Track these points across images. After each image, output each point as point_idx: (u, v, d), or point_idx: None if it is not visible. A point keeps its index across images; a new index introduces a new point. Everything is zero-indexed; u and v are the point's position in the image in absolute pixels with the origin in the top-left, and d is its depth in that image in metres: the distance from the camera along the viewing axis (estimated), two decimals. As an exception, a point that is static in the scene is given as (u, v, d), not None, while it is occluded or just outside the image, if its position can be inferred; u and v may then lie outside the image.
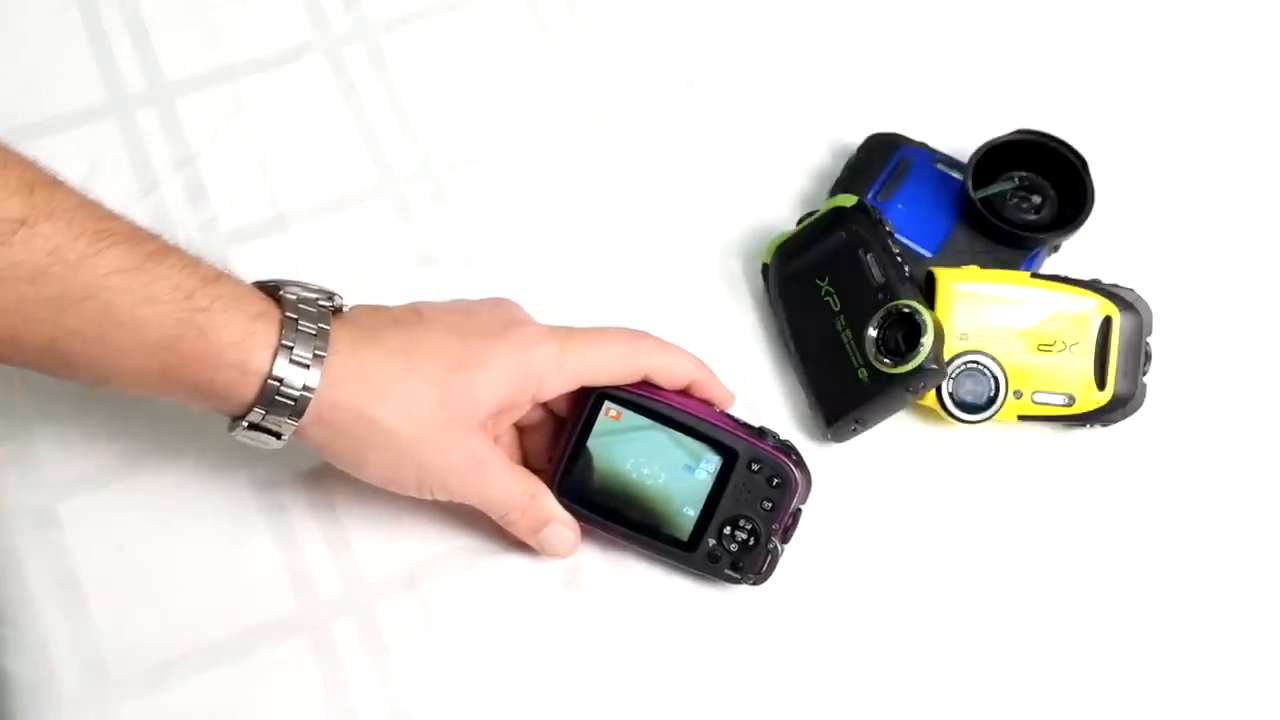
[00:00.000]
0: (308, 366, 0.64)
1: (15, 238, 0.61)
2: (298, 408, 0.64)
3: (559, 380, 0.71)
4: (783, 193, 0.85)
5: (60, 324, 0.62)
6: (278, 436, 0.66)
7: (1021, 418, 0.77)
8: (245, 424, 0.65)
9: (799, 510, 0.73)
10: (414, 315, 0.70)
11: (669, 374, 0.72)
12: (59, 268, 0.61)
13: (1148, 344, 0.78)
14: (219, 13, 0.88)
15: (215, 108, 0.85)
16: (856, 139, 0.84)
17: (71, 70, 0.85)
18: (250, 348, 0.64)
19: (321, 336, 0.65)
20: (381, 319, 0.69)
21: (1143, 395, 0.78)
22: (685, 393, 0.74)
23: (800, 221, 0.80)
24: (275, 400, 0.64)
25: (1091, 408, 0.77)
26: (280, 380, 0.64)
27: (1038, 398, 0.77)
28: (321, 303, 0.67)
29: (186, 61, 0.87)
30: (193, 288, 0.64)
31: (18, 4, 0.87)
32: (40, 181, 0.63)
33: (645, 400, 0.72)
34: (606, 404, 0.72)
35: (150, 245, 0.64)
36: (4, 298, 0.61)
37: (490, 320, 0.71)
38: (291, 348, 0.64)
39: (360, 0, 0.89)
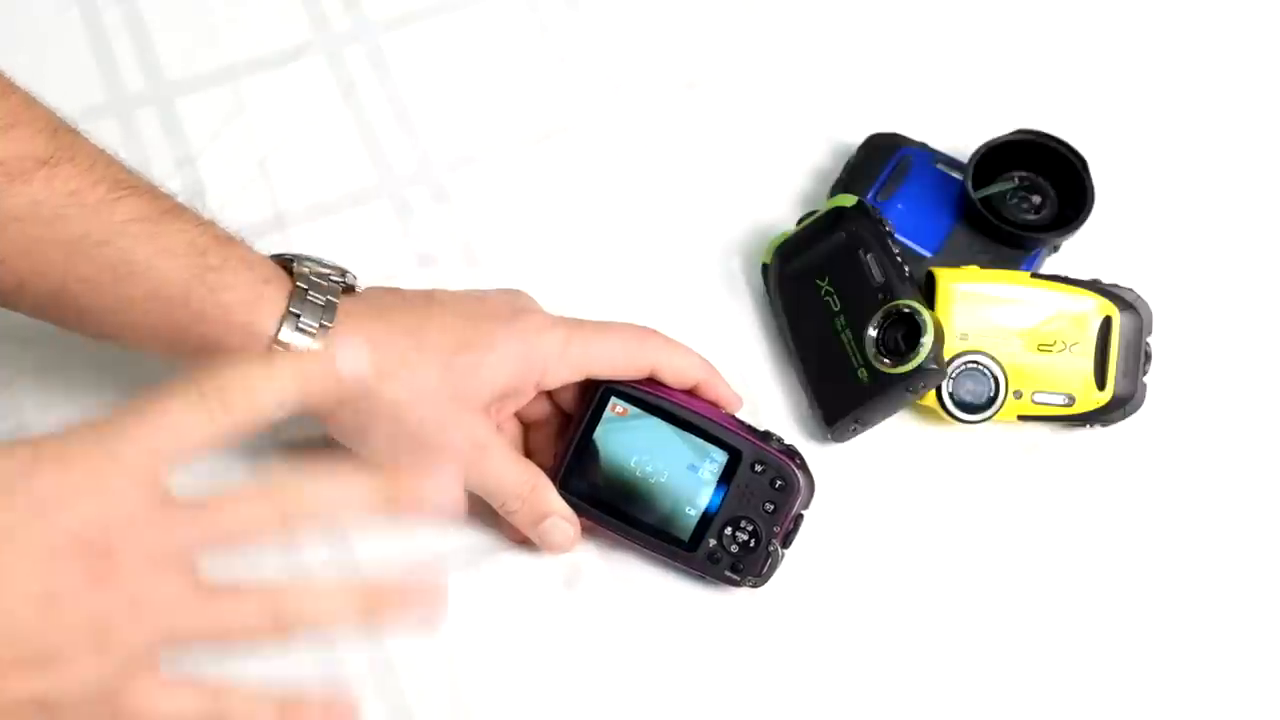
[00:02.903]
0: (313, 335, 0.65)
1: (36, 175, 0.62)
2: None
3: (563, 369, 0.71)
4: (783, 193, 0.85)
5: (72, 269, 0.63)
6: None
7: (1021, 418, 0.77)
8: None
9: (801, 515, 0.73)
10: (424, 298, 0.71)
11: (676, 372, 0.73)
12: (77, 210, 0.62)
13: (1148, 344, 0.78)
14: (219, 13, 0.88)
15: (215, 108, 0.85)
16: (856, 139, 0.84)
17: (71, 70, 0.85)
18: (258, 311, 0.65)
19: (330, 308, 0.66)
20: (392, 299, 0.70)
21: (1143, 395, 0.78)
22: (692, 393, 0.74)
23: (800, 221, 0.80)
24: None
25: (1091, 408, 0.77)
26: (285, 346, 0.65)
27: (1038, 398, 0.77)
28: (333, 278, 0.68)
29: (186, 61, 0.87)
30: (206, 245, 0.65)
31: (18, 4, 0.87)
32: (63, 128, 0.64)
33: (652, 397, 0.72)
34: (613, 399, 0.73)
35: (166, 202, 0.66)
36: (20, 238, 0.62)
37: (499, 306, 0.71)
38: (298, 316, 0.65)
39: (360, 0, 0.89)
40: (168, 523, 0.49)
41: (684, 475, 0.72)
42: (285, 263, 0.68)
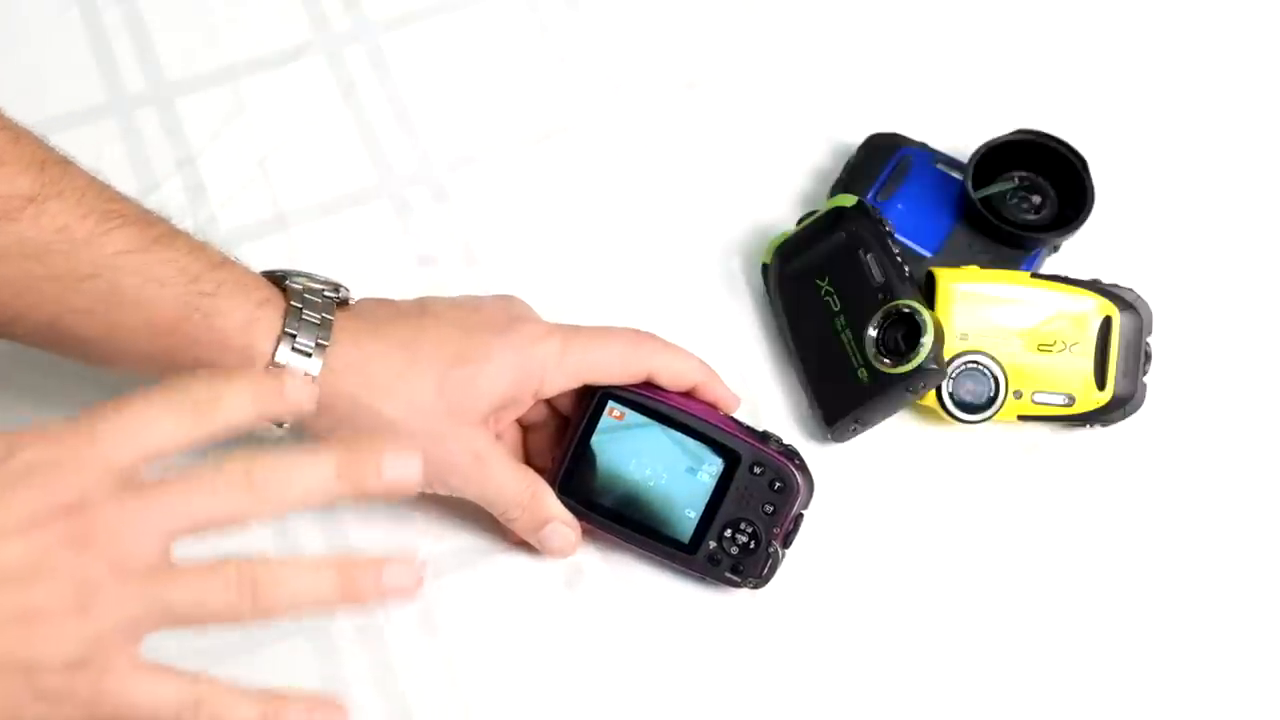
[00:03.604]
0: (310, 355, 0.65)
1: (24, 214, 0.62)
2: None
3: (561, 377, 0.71)
4: (783, 193, 0.85)
5: (64, 302, 0.63)
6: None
7: (1021, 418, 0.77)
8: None
9: (800, 515, 0.73)
10: (418, 309, 0.70)
11: (673, 375, 0.72)
12: (65, 246, 0.62)
13: (1148, 344, 0.78)
14: (219, 13, 0.88)
15: (215, 108, 0.85)
16: (856, 139, 0.84)
17: (71, 70, 0.85)
18: (254, 333, 0.65)
19: (325, 326, 0.66)
20: (386, 311, 0.70)
21: (1143, 395, 0.78)
22: (690, 395, 0.74)
23: (800, 221, 0.80)
24: None
25: (1091, 408, 0.77)
26: (282, 367, 0.64)
27: (1038, 398, 0.77)
28: (327, 293, 0.68)
29: (186, 61, 0.87)
30: (198, 272, 0.65)
31: (18, 4, 0.87)
32: (51, 159, 0.64)
33: (649, 401, 0.72)
34: (610, 404, 0.73)
35: (158, 229, 0.65)
36: (9, 274, 0.62)
37: (495, 316, 0.71)
38: (294, 335, 0.65)
39: (360, 0, 0.89)
40: (143, 500, 0.50)
41: (683, 478, 0.72)
42: (278, 280, 0.68)
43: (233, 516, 0.52)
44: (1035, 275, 0.78)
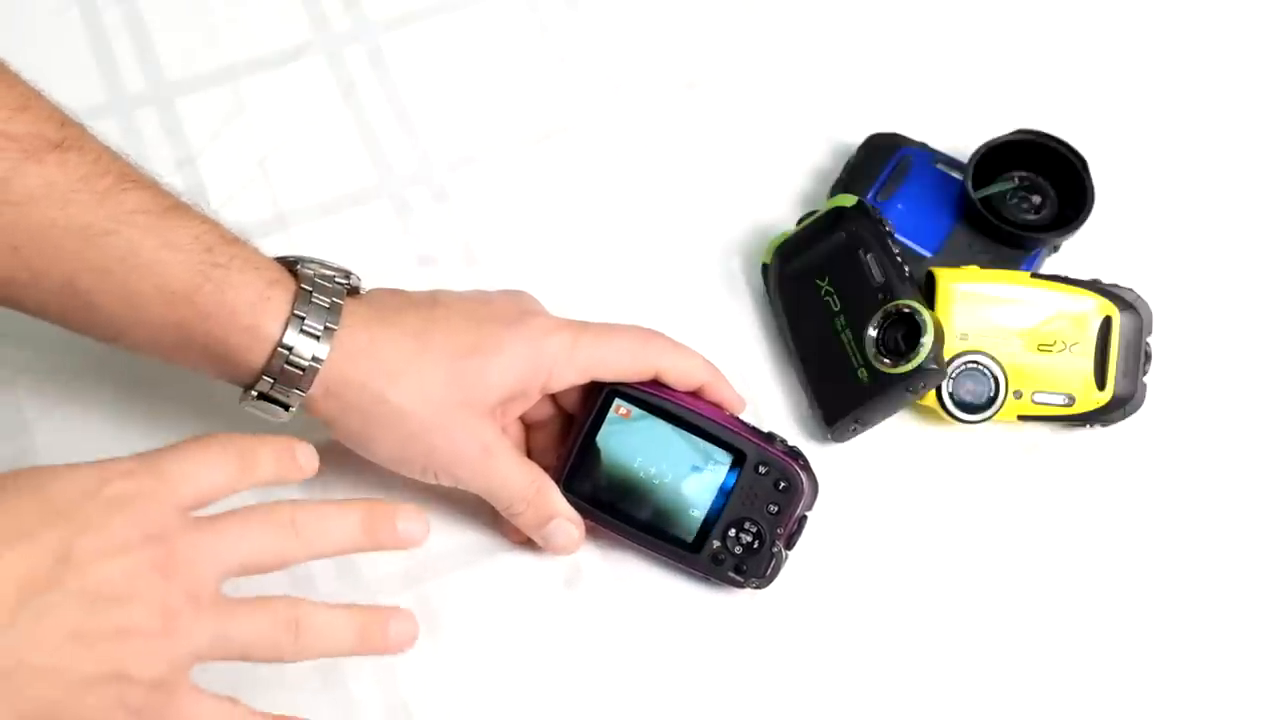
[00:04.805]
0: (318, 338, 0.65)
1: (49, 157, 0.62)
2: (306, 378, 0.65)
3: (570, 372, 0.71)
4: (783, 193, 0.85)
5: (84, 258, 0.63)
6: (286, 408, 0.66)
7: (1021, 418, 0.78)
8: (255, 394, 0.66)
9: (805, 517, 0.73)
10: (430, 300, 0.71)
11: (680, 374, 0.73)
12: (87, 196, 0.63)
13: (1148, 344, 0.78)
14: (219, 13, 0.88)
15: (215, 108, 0.85)
16: (856, 139, 0.84)
17: (71, 70, 0.85)
18: (263, 313, 0.65)
19: (334, 311, 0.66)
20: (397, 301, 0.70)
21: (1143, 395, 0.78)
22: (696, 395, 0.74)
23: (800, 221, 0.80)
24: (284, 370, 0.65)
25: (1091, 408, 0.77)
26: (290, 349, 0.65)
27: (1038, 398, 0.77)
28: (338, 280, 0.68)
29: (186, 61, 0.87)
30: (212, 243, 0.65)
31: (18, 4, 0.87)
32: (70, 121, 0.65)
33: (656, 399, 0.72)
34: (617, 401, 0.73)
35: (172, 199, 0.66)
36: (34, 220, 0.62)
37: (505, 308, 0.71)
38: (303, 318, 0.65)
39: (360, 0, 0.89)
40: (208, 535, 0.56)
41: (687, 476, 0.72)
42: (289, 265, 0.68)
43: (279, 557, 0.58)
44: (1035, 275, 0.78)
